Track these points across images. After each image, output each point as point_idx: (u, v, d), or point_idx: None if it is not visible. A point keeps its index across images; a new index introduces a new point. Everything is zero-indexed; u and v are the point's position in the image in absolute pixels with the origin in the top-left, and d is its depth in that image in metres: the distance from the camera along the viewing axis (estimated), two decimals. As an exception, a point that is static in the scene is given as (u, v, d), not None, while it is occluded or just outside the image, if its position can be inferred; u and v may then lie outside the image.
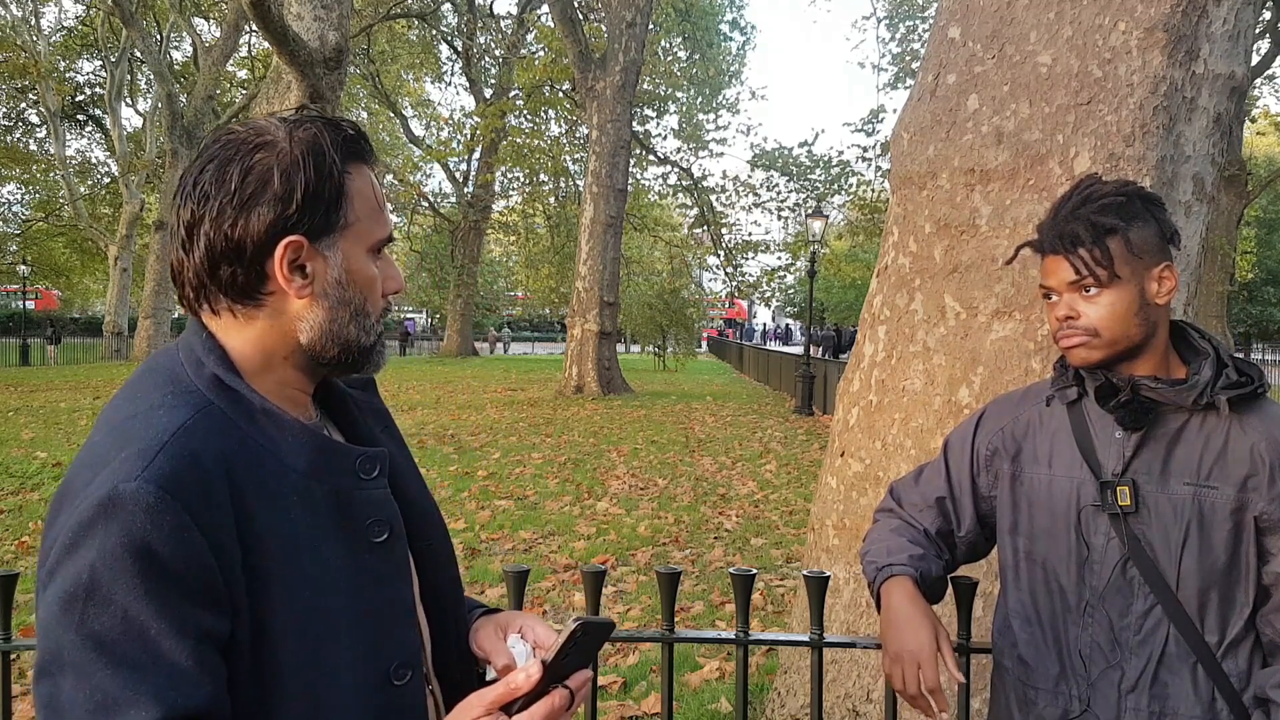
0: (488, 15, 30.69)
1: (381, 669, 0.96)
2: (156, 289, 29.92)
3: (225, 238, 0.91)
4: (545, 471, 9.33)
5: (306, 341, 0.96)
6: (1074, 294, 1.40)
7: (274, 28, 9.85)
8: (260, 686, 0.88)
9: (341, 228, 0.96)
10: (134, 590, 0.81)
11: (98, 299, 49.23)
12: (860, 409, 2.83)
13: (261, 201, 0.91)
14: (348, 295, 0.97)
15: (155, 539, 0.81)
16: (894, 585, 1.49)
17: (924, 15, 25.55)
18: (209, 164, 0.93)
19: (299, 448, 0.94)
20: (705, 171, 62.51)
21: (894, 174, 2.80)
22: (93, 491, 0.83)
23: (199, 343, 0.95)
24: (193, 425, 0.88)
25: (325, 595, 0.92)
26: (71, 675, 0.80)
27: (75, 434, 11.43)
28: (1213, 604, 1.37)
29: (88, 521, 0.82)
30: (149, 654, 0.81)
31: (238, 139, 0.94)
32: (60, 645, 0.81)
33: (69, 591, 0.81)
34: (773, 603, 5.20)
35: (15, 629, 1.85)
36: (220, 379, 0.93)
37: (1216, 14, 2.29)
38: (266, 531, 0.89)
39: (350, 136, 0.97)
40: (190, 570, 0.83)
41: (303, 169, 0.92)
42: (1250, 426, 1.37)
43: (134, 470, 0.83)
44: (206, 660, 0.83)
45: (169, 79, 28.64)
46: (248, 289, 0.94)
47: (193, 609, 0.83)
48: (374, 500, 0.99)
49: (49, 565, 0.84)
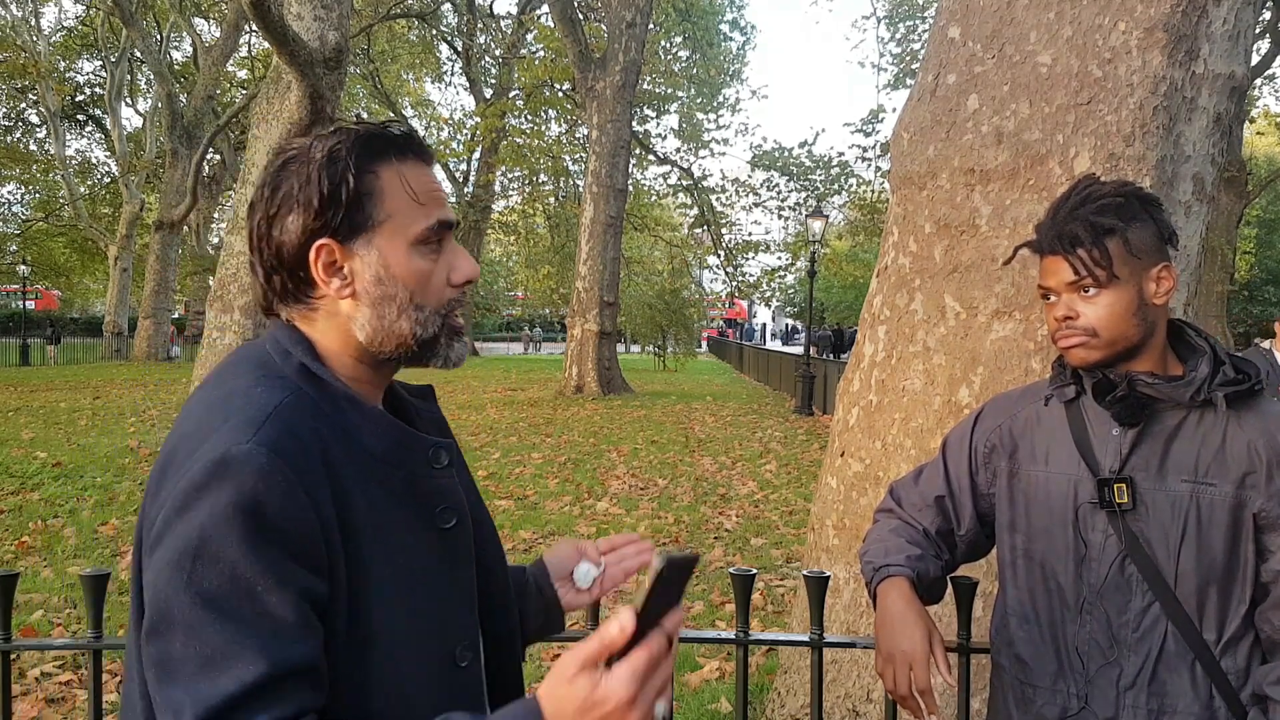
0: (488, 15, 30.68)
1: (447, 650, 1.00)
2: (156, 289, 29.92)
3: (269, 248, 0.98)
4: (545, 471, 9.33)
5: (364, 339, 1.00)
6: (1073, 294, 1.40)
7: (274, 28, 9.85)
8: (352, 650, 0.91)
9: (373, 226, 0.98)
10: (242, 548, 0.84)
11: (98, 299, 49.21)
12: (860, 409, 2.83)
13: (290, 210, 0.97)
14: (390, 290, 0.99)
15: (265, 498, 0.85)
16: (889, 586, 1.50)
17: (924, 15, 25.54)
18: (259, 184, 1.00)
19: (379, 433, 0.98)
20: (705, 171, 62.54)
21: (894, 174, 2.81)
22: (204, 454, 0.86)
23: (285, 335, 1.01)
24: (290, 404, 0.93)
25: (402, 573, 0.96)
26: (181, 633, 0.83)
27: (75, 434, 11.43)
28: (1211, 601, 1.37)
29: (200, 483, 0.85)
30: (255, 610, 0.84)
31: (285, 154, 1.00)
32: (170, 604, 0.84)
33: (179, 550, 0.84)
34: (773, 603, 5.20)
35: (15, 629, 1.84)
36: (307, 367, 0.98)
37: (1216, 14, 2.29)
38: (356, 507, 0.93)
39: (378, 137, 1.00)
40: (296, 530, 0.86)
41: (320, 177, 0.96)
42: (1248, 424, 1.37)
43: (244, 436, 0.87)
44: (309, 619, 0.86)
45: (169, 79, 28.64)
46: (299, 294, 1.00)
47: (297, 568, 0.86)
48: (444, 488, 1.03)
49: (157, 528, 0.87)
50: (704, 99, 30.88)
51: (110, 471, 8.90)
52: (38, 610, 4.75)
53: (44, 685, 3.82)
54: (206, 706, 0.81)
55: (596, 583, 1.28)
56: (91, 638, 1.69)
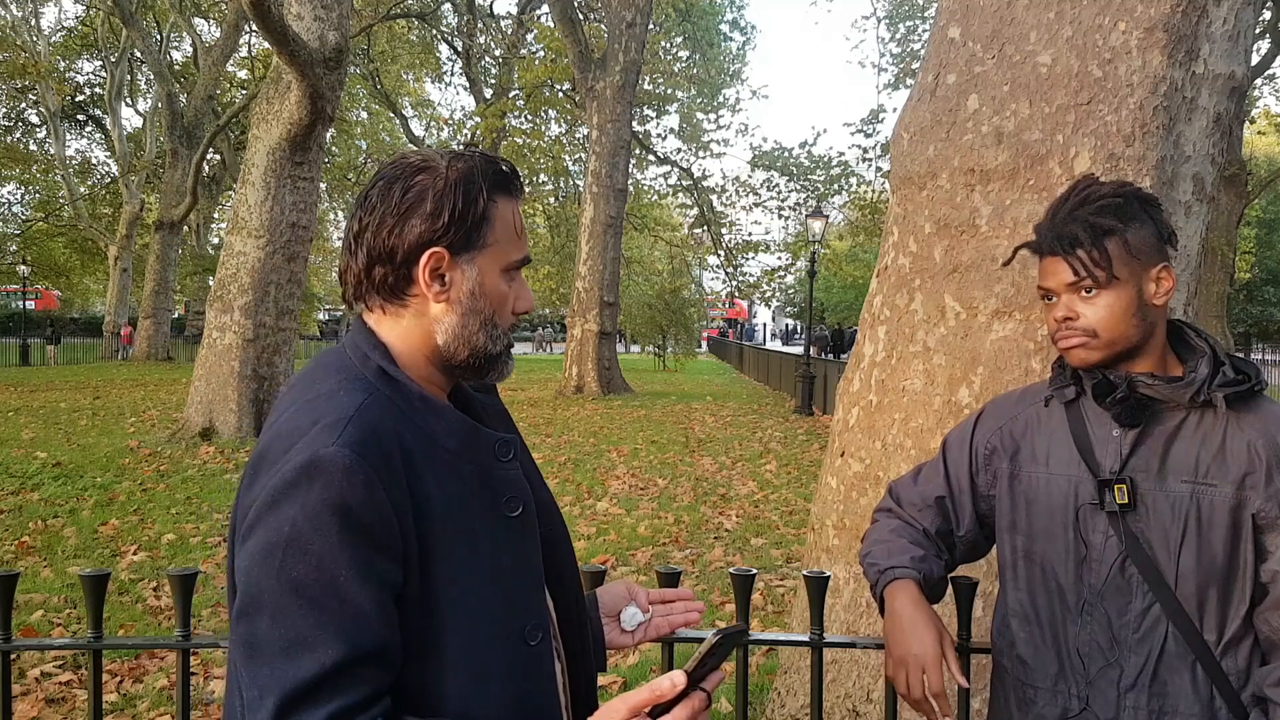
0: (488, 15, 30.68)
1: (517, 629, 1.07)
2: (156, 289, 29.91)
3: (383, 243, 1.07)
4: (545, 471, 9.29)
5: (442, 343, 1.10)
6: (1072, 295, 1.40)
7: (274, 28, 9.85)
8: (426, 631, 1.00)
9: (480, 247, 1.09)
10: (329, 541, 0.93)
11: (98, 299, 49.21)
12: (860, 409, 2.83)
13: (416, 215, 1.06)
14: (479, 305, 1.10)
15: (350, 496, 0.94)
16: (898, 589, 1.49)
17: (924, 15, 25.55)
18: (380, 181, 1.09)
19: (451, 429, 1.07)
20: (705, 171, 62.54)
21: (894, 174, 2.81)
22: (294, 457, 0.96)
23: (363, 340, 1.10)
24: (369, 404, 1.02)
25: (474, 559, 1.04)
26: (268, 616, 0.93)
27: (75, 434, 11.43)
28: (1211, 602, 1.36)
29: (291, 481, 0.94)
30: (338, 598, 0.92)
31: (406, 164, 1.09)
32: (260, 589, 0.93)
33: (271, 541, 0.93)
34: (773, 603, 5.20)
35: (15, 629, 1.84)
36: (384, 369, 1.07)
37: (1216, 14, 2.29)
38: (430, 497, 1.01)
39: (501, 172, 1.11)
40: (377, 524, 0.95)
41: (454, 194, 1.06)
42: (1247, 424, 1.37)
43: (329, 439, 0.96)
44: (385, 606, 0.95)
45: (169, 79, 28.64)
46: (395, 289, 1.09)
47: (377, 559, 0.95)
48: (510, 479, 1.11)
49: (250, 520, 0.96)
50: (704, 99, 30.86)
51: (110, 471, 8.90)
52: (38, 610, 4.76)
53: (44, 685, 3.82)
54: (291, 686, 0.90)
55: (641, 628, 1.36)
56: (91, 638, 1.69)
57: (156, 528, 6.69)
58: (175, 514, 7.18)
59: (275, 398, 5.96)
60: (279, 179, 11.14)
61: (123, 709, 3.68)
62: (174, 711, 1.71)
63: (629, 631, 1.35)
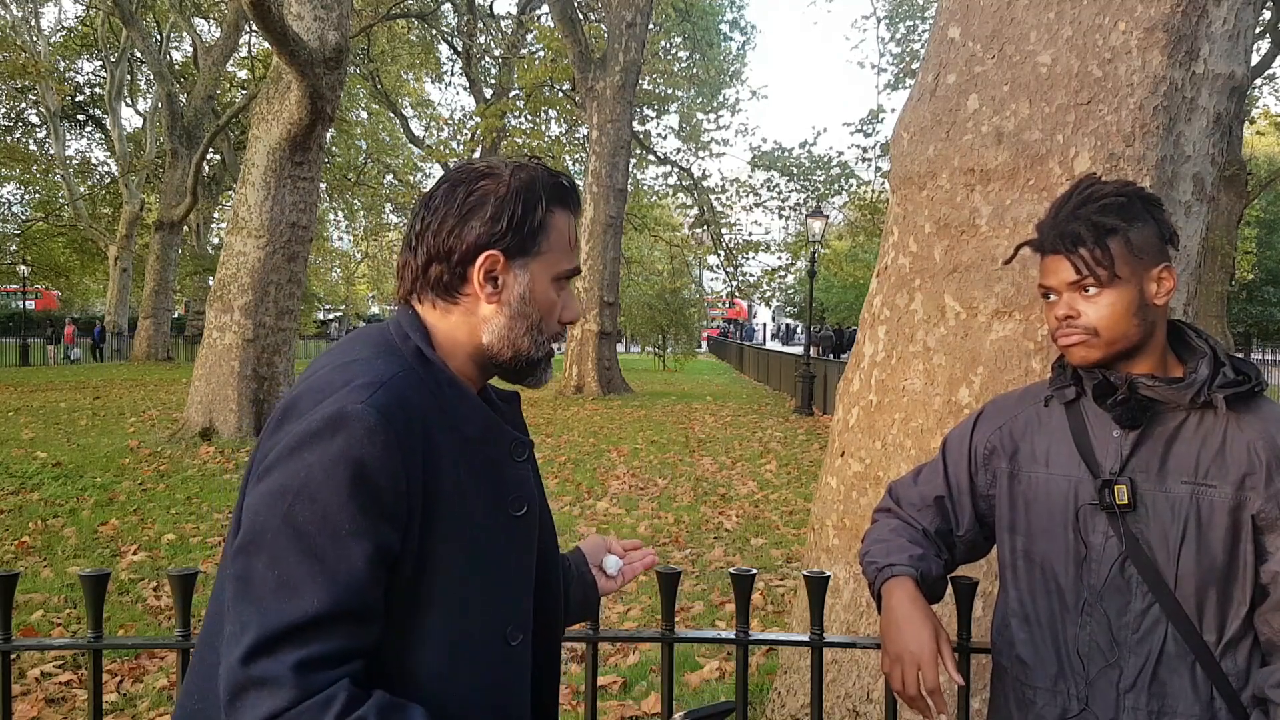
0: (488, 15, 30.67)
1: (500, 627, 1.10)
2: (156, 289, 29.90)
3: (443, 242, 1.11)
4: (545, 471, 9.33)
5: (487, 341, 1.14)
6: (1074, 293, 1.40)
7: (274, 28, 9.85)
8: (412, 604, 1.02)
9: (535, 254, 1.14)
10: (339, 494, 0.96)
11: (98, 299, 49.19)
12: (860, 409, 2.83)
13: (476, 218, 1.10)
14: (528, 310, 1.14)
15: (368, 454, 0.97)
16: (895, 585, 1.49)
17: (924, 15, 25.54)
18: (445, 184, 1.14)
19: (474, 417, 1.11)
20: (705, 171, 62.47)
21: (894, 174, 2.81)
22: (323, 409, 0.99)
23: (407, 320, 1.14)
24: (403, 377, 1.05)
25: (472, 546, 1.07)
26: (266, 555, 0.96)
27: (75, 434, 11.43)
28: (1211, 603, 1.36)
29: (316, 431, 0.98)
30: (335, 551, 0.95)
31: (471, 169, 1.14)
32: (264, 528, 0.96)
33: (283, 485, 0.97)
34: (773, 603, 5.20)
35: (15, 629, 1.84)
36: (421, 350, 1.11)
37: (1216, 14, 2.29)
38: (444, 477, 1.04)
39: (562, 185, 1.16)
40: (388, 488, 0.98)
41: (515, 201, 1.11)
42: (1247, 425, 1.37)
43: (360, 397, 0.99)
44: (377, 569, 0.98)
45: (169, 79, 28.63)
46: (449, 287, 1.13)
47: (379, 521, 0.98)
48: (521, 478, 1.15)
49: (268, 462, 1.00)
50: (704, 99, 30.86)
51: (110, 471, 8.90)
52: (38, 610, 4.75)
53: (44, 685, 3.82)
54: (271, 627, 0.93)
55: (620, 573, 1.47)
56: (91, 638, 1.69)
57: (156, 528, 6.68)
58: (175, 514, 7.18)
59: (275, 398, 6.03)
60: (279, 179, 11.14)
61: (123, 709, 3.68)
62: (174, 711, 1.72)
63: (612, 577, 1.45)
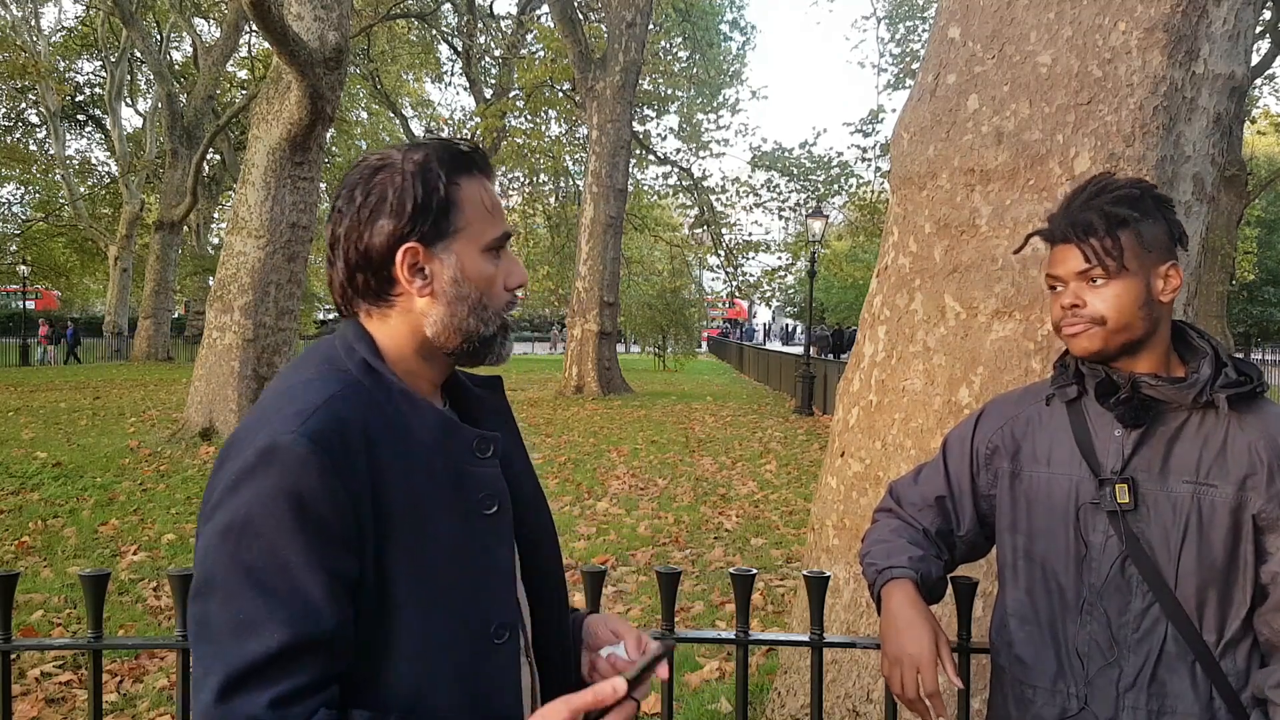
0: (488, 15, 30.67)
1: (483, 627, 1.07)
2: (156, 289, 29.90)
3: (356, 249, 1.08)
4: (545, 471, 9.33)
5: (432, 334, 1.10)
6: (1081, 283, 1.41)
7: (274, 28, 9.84)
8: (379, 624, 1.01)
9: (453, 233, 1.09)
10: (281, 527, 0.94)
11: (98, 299, 49.20)
12: (860, 409, 2.83)
13: (381, 215, 1.07)
14: (464, 291, 1.10)
15: (304, 485, 0.95)
16: (894, 588, 1.49)
17: (924, 15, 25.54)
18: (344, 189, 1.09)
19: (426, 425, 1.08)
20: (705, 171, 62.51)
21: (894, 174, 2.80)
22: (256, 442, 0.97)
23: (352, 333, 1.11)
24: (341, 395, 1.03)
25: (439, 553, 1.04)
26: (220, 597, 0.95)
27: (75, 434, 11.43)
28: (1211, 603, 1.37)
29: (250, 467, 0.96)
30: (287, 584, 0.94)
31: (365, 165, 1.10)
32: (214, 570, 0.95)
33: (227, 524, 0.95)
34: (773, 603, 5.20)
35: (15, 629, 1.84)
36: (367, 362, 1.08)
37: (1216, 14, 2.29)
38: (395, 491, 1.02)
39: (461, 153, 1.11)
40: (331, 514, 0.96)
41: (413, 186, 1.06)
42: (1249, 425, 1.37)
43: (291, 426, 0.97)
44: (336, 595, 0.96)
45: (169, 79, 28.63)
46: (380, 292, 1.10)
47: (330, 548, 0.96)
48: (486, 477, 1.11)
49: (213, 502, 0.98)
50: (704, 99, 30.84)
51: (110, 471, 8.90)
52: (38, 610, 4.76)
53: (44, 685, 3.82)
54: (235, 667, 0.92)
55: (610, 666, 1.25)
56: (91, 638, 1.69)
57: (156, 528, 6.68)
58: (175, 514, 7.18)
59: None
60: (279, 179, 11.13)
61: (123, 709, 3.68)
62: (174, 711, 1.71)
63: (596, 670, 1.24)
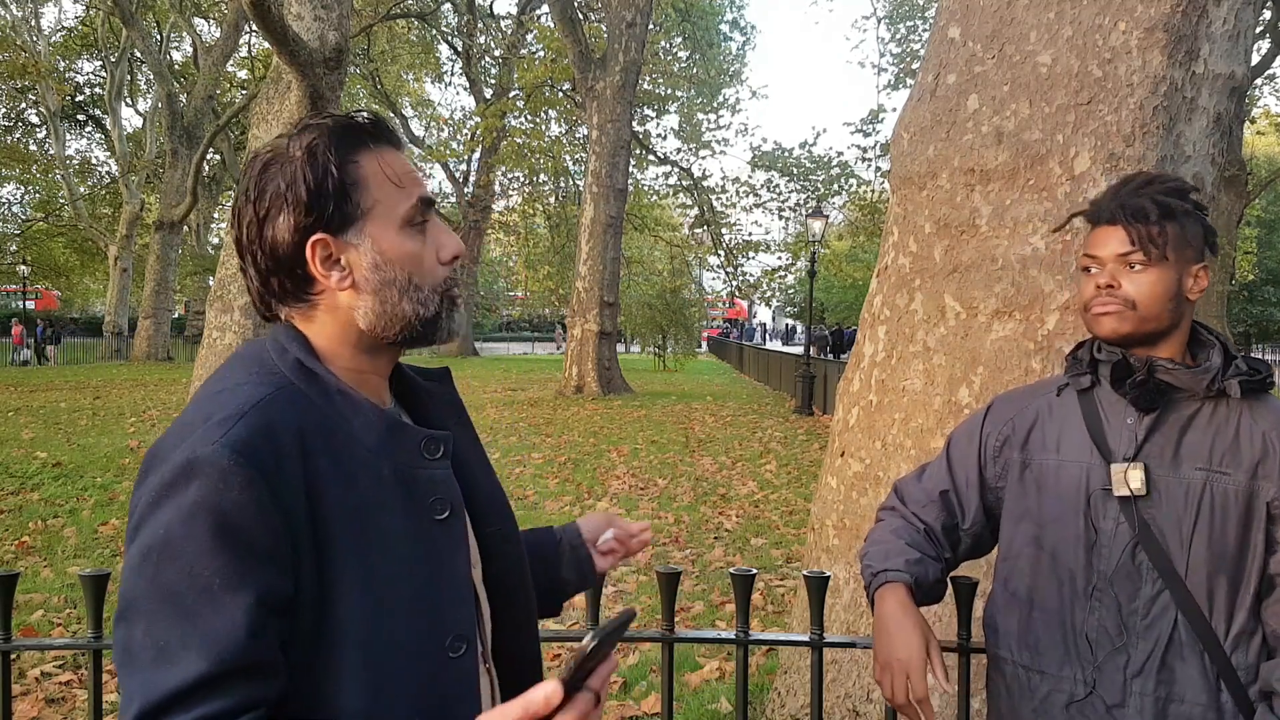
0: (488, 15, 30.69)
1: (438, 640, 1.00)
2: (156, 289, 29.90)
3: (264, 251, 1.00)
4: (545, 472, 9.33)
5: (366, 326, 1.02)
6: (1119, 265, 1.42)
7: (274, 28, 9.84)
8: (321, 643, 0.93)
9: (362, 215, 1.00)
10: (201, 547, 0.87)
11: (98, 299, 49.21)
12: (860, 409, 2.83)
13: (278, 211, 0.98)
14: (389, 275, 1.01)
15: (226, 500, 0.88)
16: (887, 592, 1.49)
17: (924, 15, 25.55)
18: (241, 192, 1.01)
19: (369, 426, 1.00)
20: (705, 171, 62.54)
21: (894, 174, 2.81)
22: (176, 456, 0.90)
23: (284, 332, 1.03)
24: (271, 400, 0.95)
25: (387, 563, 0.97)
26: (143, 622, 0.88)
27: (75, 434, 11.43)
28: (1220, 590, 1.38)
29: (169, 482, 0.89)
30: (209, 608, 0.87)
31: (256, 160, 1.01)
32: (136, 594, 0.88)
33: (148, 546, 0.88)
34: (773, 603, 5.20)
35: (15, 629, 1.84)
36: (301, 362, 1.00)
37: (1216, 14, 2.29)
38: (335, 500, 0.94)
39: (354, 126, 1.02)
40: (257, 530, 0.88)
41: (304, 173, 0.97)
42: (1260, 415, 1.40)
43: (213, 437, 0.90)
44: (261, 616, 0.88)
45: (169, 79, 28.64)
46: (299, 292, 1.01)
47: (256, 567, 0.88)
48: (436, 479, 1.03)
49: (134, 521, 0.91)
50: (704, 99, 30.86)
51: (110, 471, 8.90)
52: (38, 610, 4.75)
53: (44, 685, 3.82)
54: (154, 696, 0.85)
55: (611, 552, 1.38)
56: (91, 638, 1.69)
57: (156, 528, 6.68)
58: (175, 514, 7.18)
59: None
60: (279, 179, 11.12)
61: (123, 709, 3.67)
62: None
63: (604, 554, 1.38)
